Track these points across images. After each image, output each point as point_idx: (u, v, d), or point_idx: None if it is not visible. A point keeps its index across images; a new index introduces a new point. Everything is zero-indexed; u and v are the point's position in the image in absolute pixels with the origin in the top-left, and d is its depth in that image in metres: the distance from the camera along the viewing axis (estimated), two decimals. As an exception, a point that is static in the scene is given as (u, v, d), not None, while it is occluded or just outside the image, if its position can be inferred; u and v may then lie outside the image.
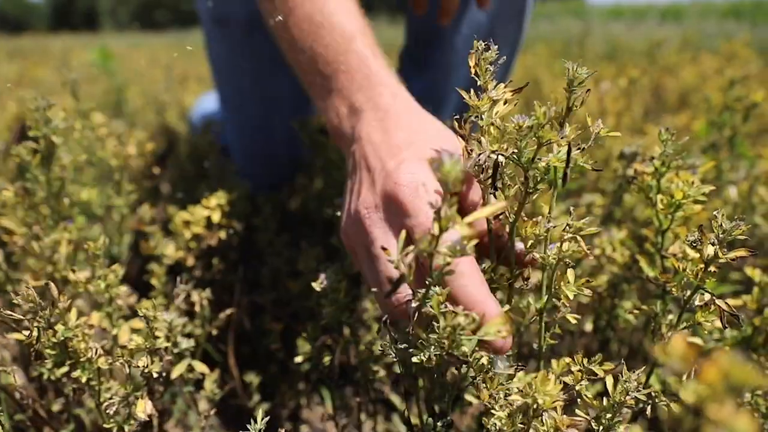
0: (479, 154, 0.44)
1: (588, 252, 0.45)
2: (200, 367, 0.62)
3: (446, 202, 0.34)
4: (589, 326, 0.80)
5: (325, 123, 0.63)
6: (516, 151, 0.45)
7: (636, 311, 0.54)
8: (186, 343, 0.61)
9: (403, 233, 0.39)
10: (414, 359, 0.41)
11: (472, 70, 0.46)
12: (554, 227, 0.45)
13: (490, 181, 0.46)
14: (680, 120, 1.71)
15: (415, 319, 0.42)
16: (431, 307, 0.39)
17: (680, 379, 0.38)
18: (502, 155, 0.44)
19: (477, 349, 0.42)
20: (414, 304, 0.41)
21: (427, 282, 0.40)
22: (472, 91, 0.46)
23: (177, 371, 0.61)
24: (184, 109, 2.17)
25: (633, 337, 0.89)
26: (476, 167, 0.44)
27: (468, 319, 0.38)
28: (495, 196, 0.46)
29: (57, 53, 4.27)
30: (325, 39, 0.61)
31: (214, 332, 0.72)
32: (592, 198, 0.87)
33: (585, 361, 0.45)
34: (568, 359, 0.46)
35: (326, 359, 0.58)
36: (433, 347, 0.40)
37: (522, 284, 0.49)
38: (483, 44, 0.45)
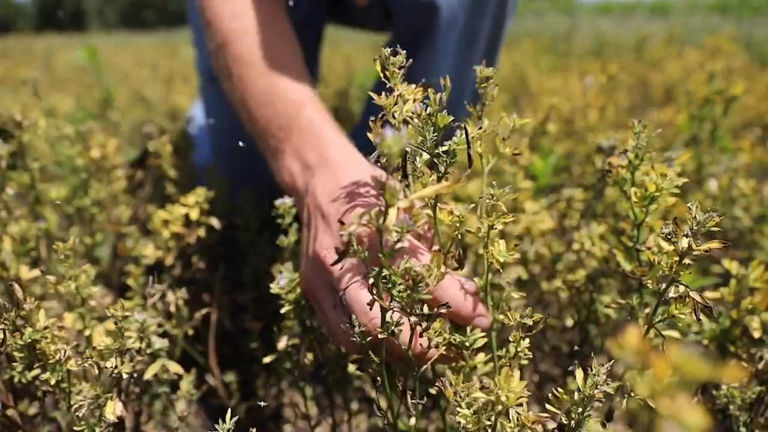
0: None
1: (513, 217, 0.48)
2: (174, 367, 0.62)
3: (392, 177, 0.37)
4: (570, 321, 0.80)
5: (279, 182, 0.68)
6: (422, 139, 0.48)
7: (613, 306, 0.54)
8: (160, 343, 0.60)
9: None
10: (378, 330, 0.43)
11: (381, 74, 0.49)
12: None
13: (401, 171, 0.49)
14: (665, 114, 1.71)
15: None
16: (387, 276, 0.41)
17: (635, 373, 0.37)
18: (410, 143, 0.46)
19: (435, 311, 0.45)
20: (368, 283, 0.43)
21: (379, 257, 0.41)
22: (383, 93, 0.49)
23: (151, 372, 0.60)
24: (171, 108, 2.15)
25: (616, 332, 0.89)
26: (381, 157, 0.45)
27: (425, 268, 0.40)
28: (409, 186, 0.49)
29: (41, 53, 4.23)
30: (278, 108, 0.68)
31: (191, 332, 0.71)
32: (572, 192, 0.87)
33: (518, 315, 0.46)
34: (502, 316, 0.47)
35: (310, 357, 0.58)
36: (395, 307, 0.42)
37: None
38: (389, 50, 0.48)
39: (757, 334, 0.66)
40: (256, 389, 0.89)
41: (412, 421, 0.48)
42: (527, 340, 0.45)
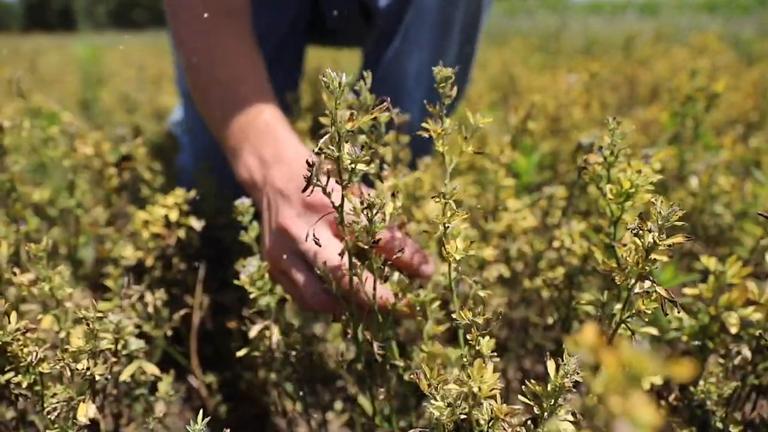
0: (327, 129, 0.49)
1: (464, 215, 0.48)
2: (151, 368, 0.61)
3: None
4: (551, 319, 0.80)
5: (239, 181, 0.75)
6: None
7: (586, 303, 0.54)
8: (136, 345, 0.60)
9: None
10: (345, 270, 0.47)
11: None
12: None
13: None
14: (651, 112, 1.72)
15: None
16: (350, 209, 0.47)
17: (591, 370, 0.37)
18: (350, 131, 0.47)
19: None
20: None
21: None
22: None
23: (126, 373, 0.60)
24: (157, 109, 2.14)
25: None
26: (323, 142, 0.48)
27: (378, 199, 0.46)
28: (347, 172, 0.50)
29: (28, 53, 4.19)
30: (240, 115, 0.75)
31: (170, 333, 0.70)
32: (553, 190, 0.87)
33: (470, 314, 0.46)
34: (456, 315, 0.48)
35: (277, 340, 0.58)
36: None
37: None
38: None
39: (734, 330, 0.66)
40: (240, 390, 0.88)
41: (387, 409, 0.48)
42: (488, 338, 0.45)
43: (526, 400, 0.42)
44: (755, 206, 1.06)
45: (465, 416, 0.42)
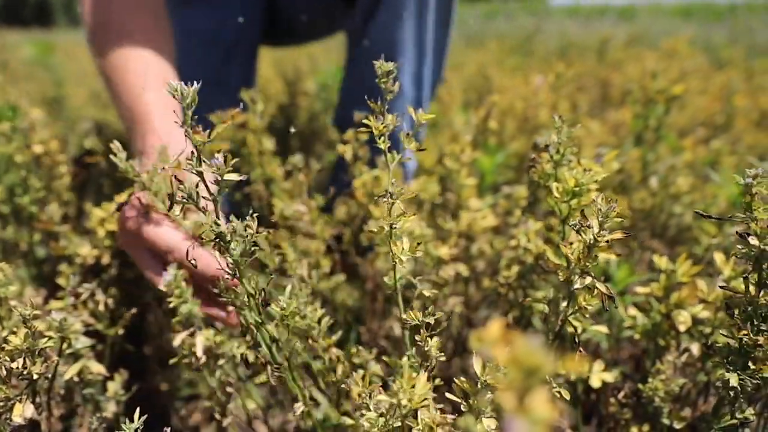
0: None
1: (411, 216, 0.48)
2: (96, 367, 0.60)
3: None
4: (510, 318, 0.80)
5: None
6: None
7: (531, 301, 0.54)
8: (81, 343, 0.59)
9: None
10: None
11: None
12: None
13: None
14: (621, 114, 1.75)
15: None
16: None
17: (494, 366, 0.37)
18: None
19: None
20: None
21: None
22: None
23: (70, 372, 0.59)
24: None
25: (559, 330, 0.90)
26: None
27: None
28: None
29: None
30: (127, 92, 0.75)
31: (121, 332, 0.69)
32: (511, 190, 0.88)
33: (420, 314, 0.46)
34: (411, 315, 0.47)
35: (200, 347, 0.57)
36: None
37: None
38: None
39: (683, 328, 0.67)
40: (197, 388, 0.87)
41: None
42: (435, 339, 0.45)
43: (454, 398, 0.42)
44: (715, 206, 1.08)
45: (398, 425, 0.41)
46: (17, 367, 0.49)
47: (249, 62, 1.21)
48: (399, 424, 0.40)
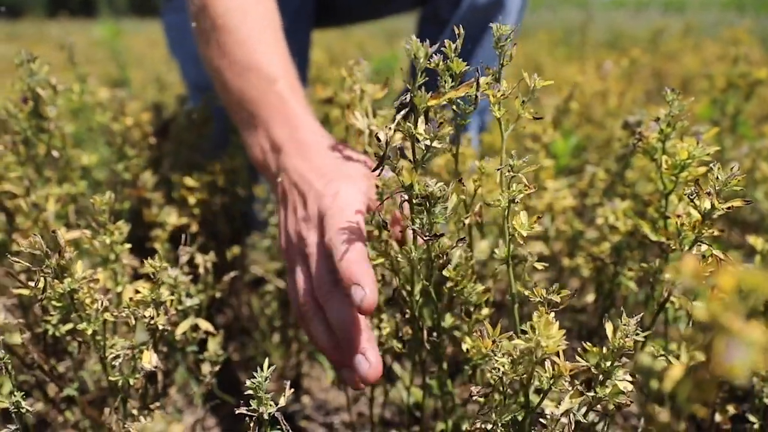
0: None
1: (532, 187, 0.47)
2: (205, 325, 0.63)
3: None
4: (591, 297, 0.80)
5: (250, 156, 0.69)
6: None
7: (632, 271, 0.55)
8: (190, 301, 0.61)
9: None
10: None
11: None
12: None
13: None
14: (689, 104, 1.70)
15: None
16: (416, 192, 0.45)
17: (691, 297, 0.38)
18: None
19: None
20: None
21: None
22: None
23: (182, 328, 0.61)
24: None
25: (634, 313, 0.89)
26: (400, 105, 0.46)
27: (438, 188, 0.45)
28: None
29: (55, 36, 4.25)
30: (252, 81, 0.67)
31: (218, 295, 0.72)
32: (595, 170, 0.87)
33: (544, 292, 0.46)
34: (527, 291, 0.47)
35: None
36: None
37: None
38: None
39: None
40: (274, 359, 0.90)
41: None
42: (552, 316, 0.45)
43: (584, 362, 0.42)
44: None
45: (525, 374, 0.42)
46: (147, 317, 0.51)
47: (302, 51, 1.17)
48: (525, 373, 0.41)
